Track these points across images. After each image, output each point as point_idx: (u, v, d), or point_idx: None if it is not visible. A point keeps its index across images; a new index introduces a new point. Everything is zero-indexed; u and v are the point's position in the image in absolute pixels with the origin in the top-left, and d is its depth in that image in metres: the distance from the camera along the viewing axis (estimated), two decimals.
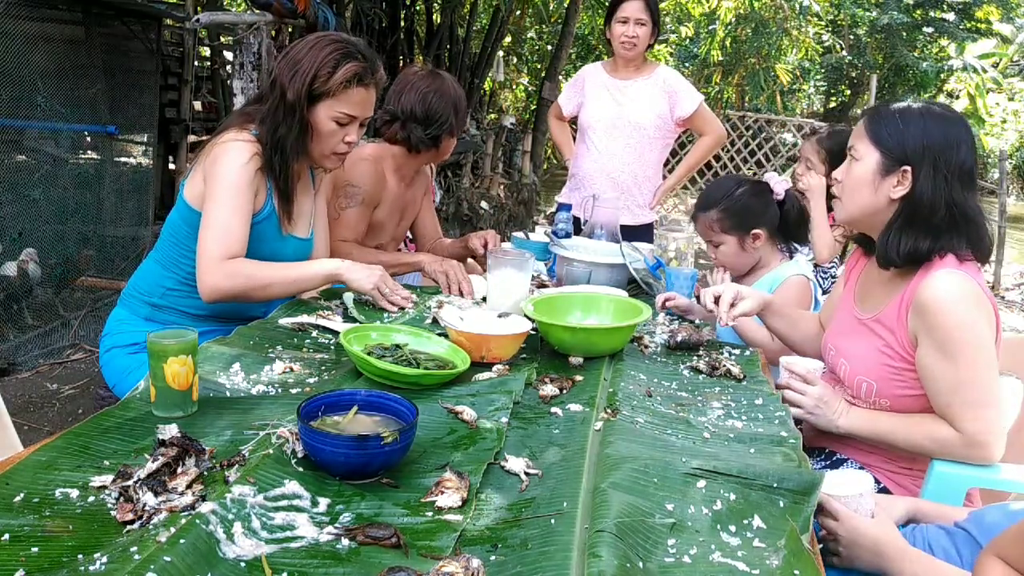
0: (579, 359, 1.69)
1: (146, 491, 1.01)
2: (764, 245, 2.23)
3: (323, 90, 1.83)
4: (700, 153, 3.45)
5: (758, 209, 2.20)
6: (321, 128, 1.87)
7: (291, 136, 1.84)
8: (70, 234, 4.26)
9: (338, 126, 1.88)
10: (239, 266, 1.77)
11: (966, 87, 12.36)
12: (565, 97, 3.44)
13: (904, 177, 1.51)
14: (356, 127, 1.92)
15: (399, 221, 2.55)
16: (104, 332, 1.99)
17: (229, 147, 1.81)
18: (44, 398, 3.40)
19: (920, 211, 1.50)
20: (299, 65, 1.82)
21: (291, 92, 1.81)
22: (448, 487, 1.10)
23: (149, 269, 1.96)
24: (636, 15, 3.11)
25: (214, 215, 1.77)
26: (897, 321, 1.55)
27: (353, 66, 1.84)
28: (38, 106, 3.99)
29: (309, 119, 1.85)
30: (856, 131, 1.61)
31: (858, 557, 1.25)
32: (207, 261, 1.75)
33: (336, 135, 1.89)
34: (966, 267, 1.50)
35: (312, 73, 1.81)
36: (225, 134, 1.85)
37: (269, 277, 1.80)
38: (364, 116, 1.92)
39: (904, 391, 1.56)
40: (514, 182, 8.30)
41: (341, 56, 1.83)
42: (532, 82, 12.22)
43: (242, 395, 1.39)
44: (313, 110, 1.85)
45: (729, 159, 9.50)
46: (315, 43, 1.85)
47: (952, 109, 1.61)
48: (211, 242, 1.76)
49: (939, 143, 1.49)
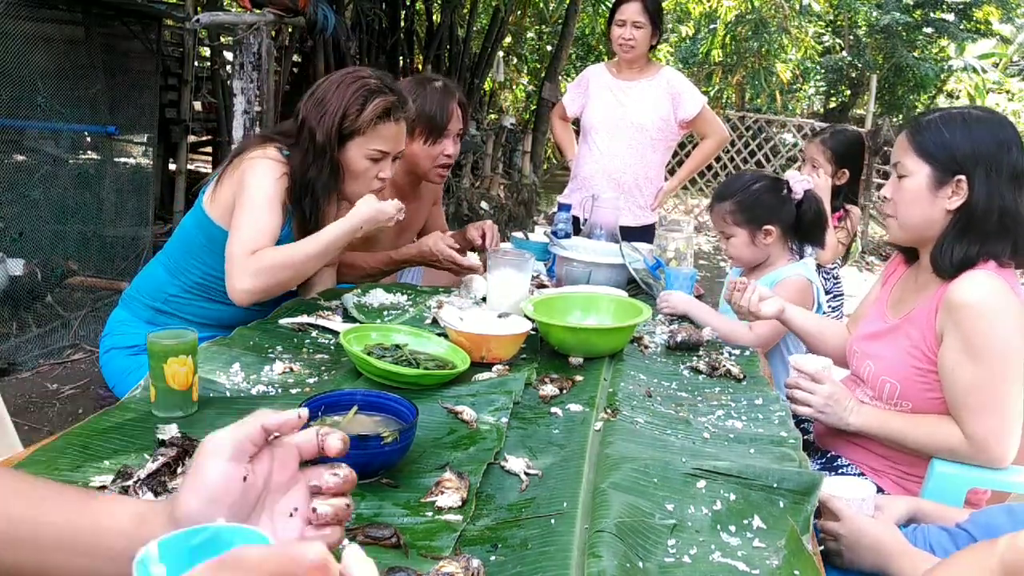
0: (579, 359, 1.69)
1: (146, 491, 1.01)
2: (775, 243, 2.22)
3: (353, 128, 1.82)
4: (702, 155, 3.45)
5: (772, 205, 2.19)
6: (354, 167, 1.87)
7: (322, 177, 1.83)
8: (70, 234, 4.25)
9: (371, 163, 1.87)
10: (263, 258, 1.70)
11: (966, 87, 12.36)
12: (569, 98, 3.45)
13: (959, 187, 1.49)
14: (389, 162, 1.91)
15: (397, 234, 2.49)
16: (104, 332, 1.99)
17: (260, 163, 1.79)
18: (44, 398, 3.40)
19: (975, 219, 1.49)
20: (327, 105, 1.81)
21: (320, 133, 1.80)
22: (448, 487, 1.09)
23: (154, 273, 1.95)
24: (633, 18, 3.11)
25: (243, 220, 1.74)
26: (926, 319, 1.54)
27: (382, 101, 1.83)
28: (38, 106, 3.99)
29: (340, 159, 1.84)
30: (899, 146, 1.58)
31: (860, 557, 1.25)
32: (235, 264, 1.70)
33: (369, 172, 1.89)
34: (1005, 272, 1.49)
35: (341, 112, 1.80)
36: (252, 151, 1.83)
37: (296, 255, 1.73)
38: (396, 151, 1.91)
39: (928, 393, 1.55)
40: (514, 182, 8.30)
41: (369, 92, 1.82)
42: (532, 82, 12.22)
43: (242, 395, 1.40)
44: (344, 149, 1.84)
45: (729, 159, 9.50)
46: (341, 80, 1.84)
47: (993, 111, 1.58)
48: (238, 245, 1.71)
49: (989, 147, 1.48)
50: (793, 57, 10.88)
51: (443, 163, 2.36)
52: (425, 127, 2.28)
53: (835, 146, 2.89)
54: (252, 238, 1.72)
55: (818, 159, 2.90)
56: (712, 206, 2.30)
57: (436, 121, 2.28)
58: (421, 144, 2.30)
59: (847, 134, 2.98)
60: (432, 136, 2.30)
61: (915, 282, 1.63)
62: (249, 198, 1.76)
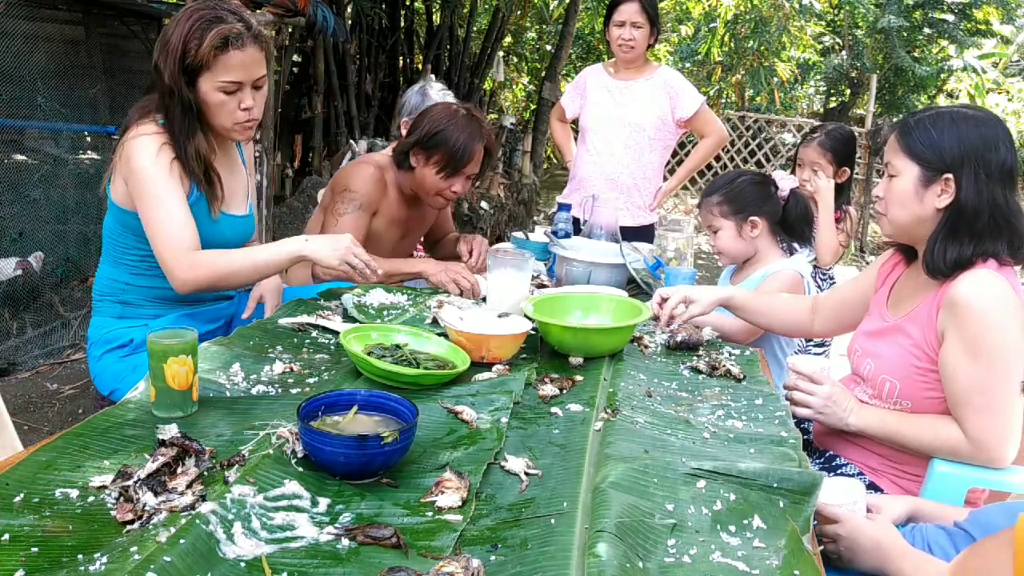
0: (579, 359, 1.69)
1: (146, 491, 1.01)
2: (763, 237, 2.24)
3: (196, 63, 1.73)
4: (701, 155, 3.45)
5: (758, 197, 2.23)
6: (210, 102, 1.78)
7: (179, 118, 1.76)
8: (70, 234, 4.25)
9: (226, 95, 1.78)
10: (202, 256, 1.76)
11: (966, 88, 12.35)
12: (567, 99, 3.45)
13: (947, 185, 1.49)
14: (249, 92, 1.81)
15: (400, 237, 2.49)
16: (88, 343, 1.99)
17: (136, 143, 1.76)
18: (44, 398, 3.40)
19: (964, 218, 1.49)
20: (168, 44, 1.73)
21: (167, 75, 1.73)
22: (448, 487, 1.10)
23: (104, 273, 1.96)
24: (632, 18, 3.11)
25: (152, 215, 1.75)
26: (927, 318, 1.54)
27: (219, 30, 1.72)
28: (38, 106, 3.99)
29: (194, 96, 1.77)
30: (889, 147, 1.59)
31: (859, 558, 1.25)
32: (169, 260, 1.74)
33: (228, 105, 1.80)
34: (1005, 271, 1.48)
35: (180, 49, 1.72)
36: (130, 130, 1.80)
37: (233, 265, 1.78)
38: (251, 79, 1.81)
39: (928, 392, 1.55)
40: (514, 182, 8.29)
41: (206, 24, 1.73)
42: (532, 82, 12.22)
43: (242, 395, 1.39)
44: (196, 86, 1.77)
45: (729, 159, 9.49)
46: (180, 17, 1.75)
47: (983, 109, 1.58)
48: (163, 242, 1.74)
49: (976, 146, 1.47)
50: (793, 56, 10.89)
51: (447, 196, 2.36)
52: (443, 158, 2.27)
53: (833, 146, 2.90)
54: (171, 234, 1.74)
55: (819, 162, 2.90)
56: (700, 203, 2.35)
57: (456, 159, 2.27)
58: (433, 173, 2.29)
59: (842, 132, 2.99)
60: (447, 171, 2.29)
61: (915, 281, 1.62)
62: (144, 189, 1.75)
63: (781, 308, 1.95)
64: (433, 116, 2.30)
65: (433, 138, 2.26)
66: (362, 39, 6.80)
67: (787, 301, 1.98)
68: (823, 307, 1.91)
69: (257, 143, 3.86)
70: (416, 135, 2.29)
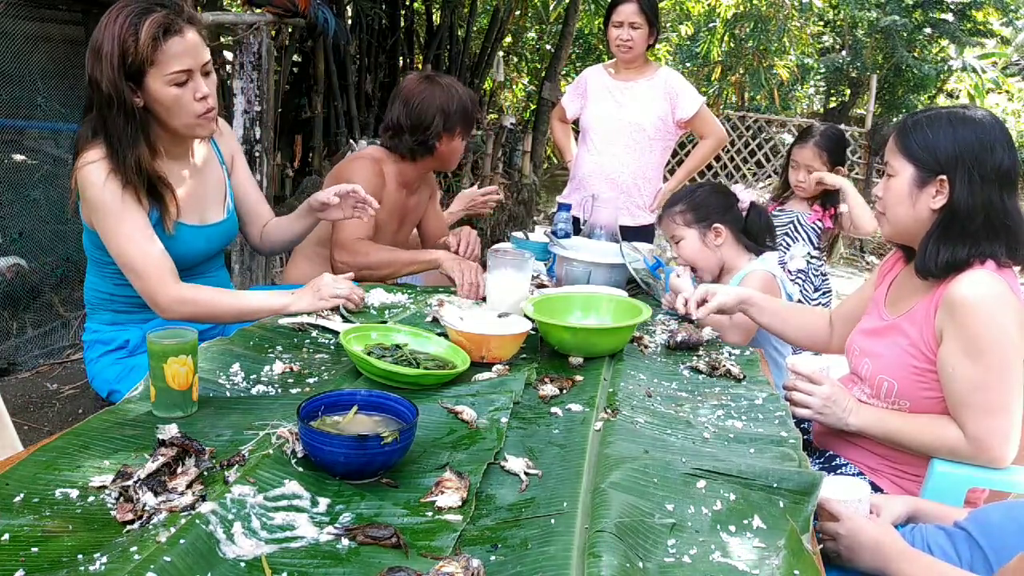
0: (579, 359, 1.69)
1: (146, 491, 1.01)
2: (727, 245, 2.24)
3: (138, 62, 1.62)
4: (700, 156, 3.45)
5: (718, 205, 2.25)
6: (164, 100, 1.68)
7: (120, 128, 1.66)
8: (70, 234, 4.25)
9: (179, 88, 1.68)
10: (186, 293, 1.75)
11: (966, 88, 12.35)
12: (568, 99, 3.45)
13: (941, 187, 1.49)
14: (199, 78, 1.71)
15: (398, 227, 2.52)
16: (85, 346, 1.98)
17: (83, 174, 1.70)
18: (44, 398, 3.40)
19: (958, 219, 1.48)
20: (101, 51, 1.62)
21: (104, 83, 1.63)
22: (448, 487, 1.10)
23: (90, 283, 1.95)
24: (630, 18, 3.11)
25: (120, 250, 1.72)
26: (925, 318, 1.54)
27: (153, 20, 1.62)
28: (38, 106, 3.99)
29: (146, 99, 1.68)
30: (888, 147, 1.59)
31: (858, 557, 1.25)
32: (149, 293, 1.73)
33: (183, 98, 1.70)
34: (1004, 273, 1.48)
35: (117, 51, 1.61)
36: (79, 159, 1.71)
37: (217, 309, 1.79)
38: (199, 64, 1.71)
39: (926, 392, 1.55)
40: (514, 182, 8.29)
41: (136, 18, 1.62)
42: (532, 82, 12.22)
43: (242, 395, 1.40)
44: (144, 88, 1.67)
45: (729, 159, 9.50)
46: (105, 21, 1.64)
47: (983, 110, 1.58)
48: (139, 276, 1.72)
49: (972, 148, 1.47)
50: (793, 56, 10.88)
51: (463, 151, 2.42)
52: (464, 124, 2.33)
53: (828, 146, 2.94)
54: (149, 275, 1.72)
55: (814, 164, 2.93)
56: (660, 217, 2.37)
57: (471, 116, 2.34)
58: (460, 140, 2.36)
59: (835, 131, 3.03)
60: (468, 130, 2.35)
61: (913, 280, 1.62)
62: (100, 219, 1.72)
63: (798, 317, 1.94)
64: (426, 101, 2.31)
65: (450, 118, 2.31)
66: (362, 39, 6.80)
67: (804, 312, 1.98)
68: (837, 322, 1.90)
69: (257, 143, 3.86)
70: (430, 125, 2.31)
